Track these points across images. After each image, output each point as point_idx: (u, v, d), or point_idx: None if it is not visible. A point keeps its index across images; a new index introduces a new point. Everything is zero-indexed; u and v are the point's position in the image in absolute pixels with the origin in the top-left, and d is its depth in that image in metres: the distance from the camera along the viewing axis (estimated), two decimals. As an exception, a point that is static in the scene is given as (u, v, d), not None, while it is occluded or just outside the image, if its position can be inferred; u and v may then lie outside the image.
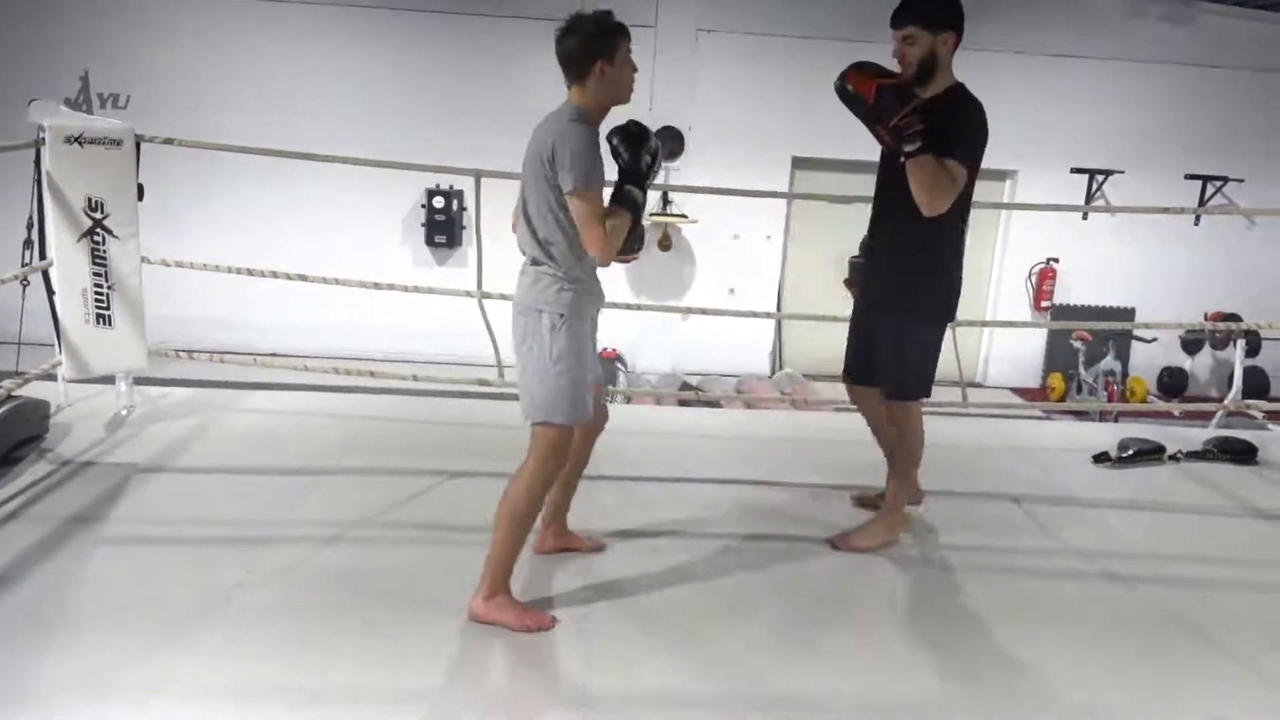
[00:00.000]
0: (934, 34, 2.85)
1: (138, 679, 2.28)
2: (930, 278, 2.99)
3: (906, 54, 2.88)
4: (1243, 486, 3.97)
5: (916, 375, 3.07)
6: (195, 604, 2.62)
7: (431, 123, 8.63)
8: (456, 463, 3.71)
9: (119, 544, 2.99)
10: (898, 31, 2.90)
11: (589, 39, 2.52)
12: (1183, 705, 2.45)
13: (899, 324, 3.05)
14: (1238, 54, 9.07)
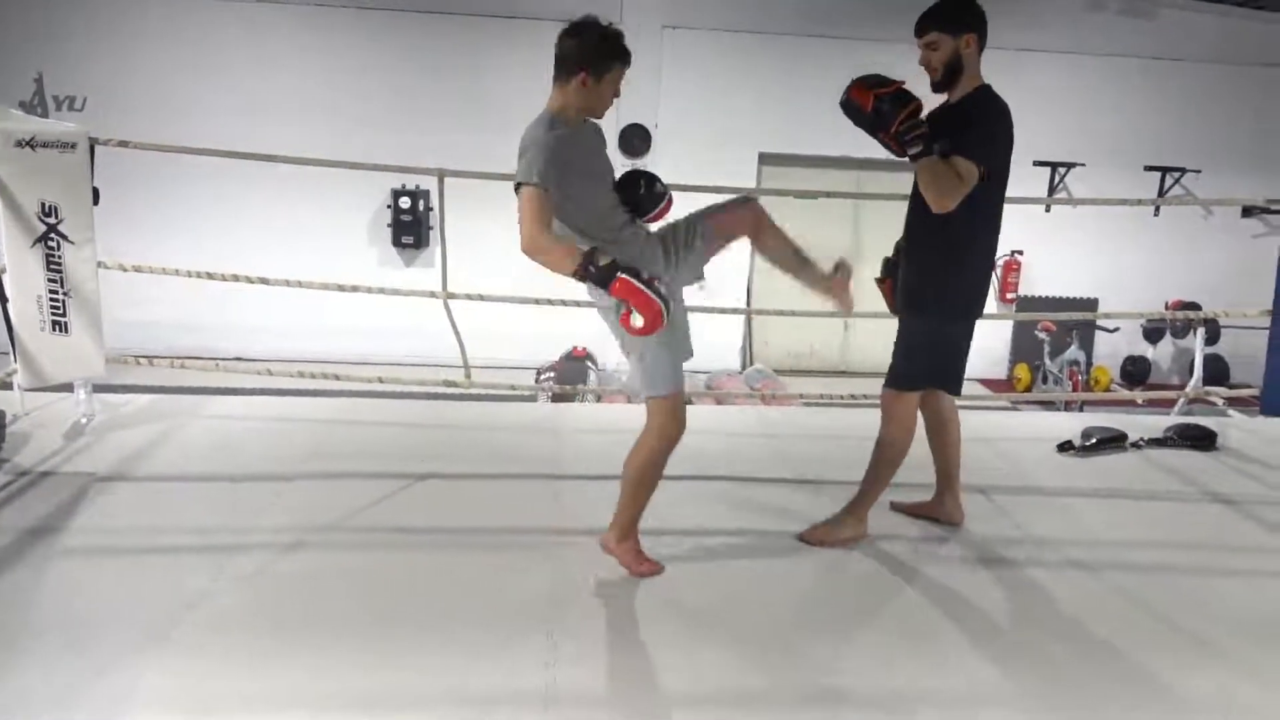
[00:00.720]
0: (956, 37, 2.88)
1: (105, 691, 2.24)
2: (940, 277, 2.99)
3: (931, 59, 2.91)
4: (1202, 472, 4.03)
5: (905, 367, 3.09)
6: (160, 613, 2.57)
7: (396, 122, 8.57)
8: (424, 465, 3.68)
9: (80, 554, 2.93)
10: (920, 39, 2.92)
11: (585, 47, 2.56)
12: (1148, 689, 2.48)
13: (907, 318, 3.11)
14: (1195, 47, 9.23)
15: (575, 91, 2.59)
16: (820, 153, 8.93)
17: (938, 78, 2.92)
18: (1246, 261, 8.73)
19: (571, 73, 2.57)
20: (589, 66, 2.56)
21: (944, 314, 3.06)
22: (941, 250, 2.97)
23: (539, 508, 3.39)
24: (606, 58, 2.58)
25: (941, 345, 3.08)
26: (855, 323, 9.63)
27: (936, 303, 3.04)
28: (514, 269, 9.26)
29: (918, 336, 3.08)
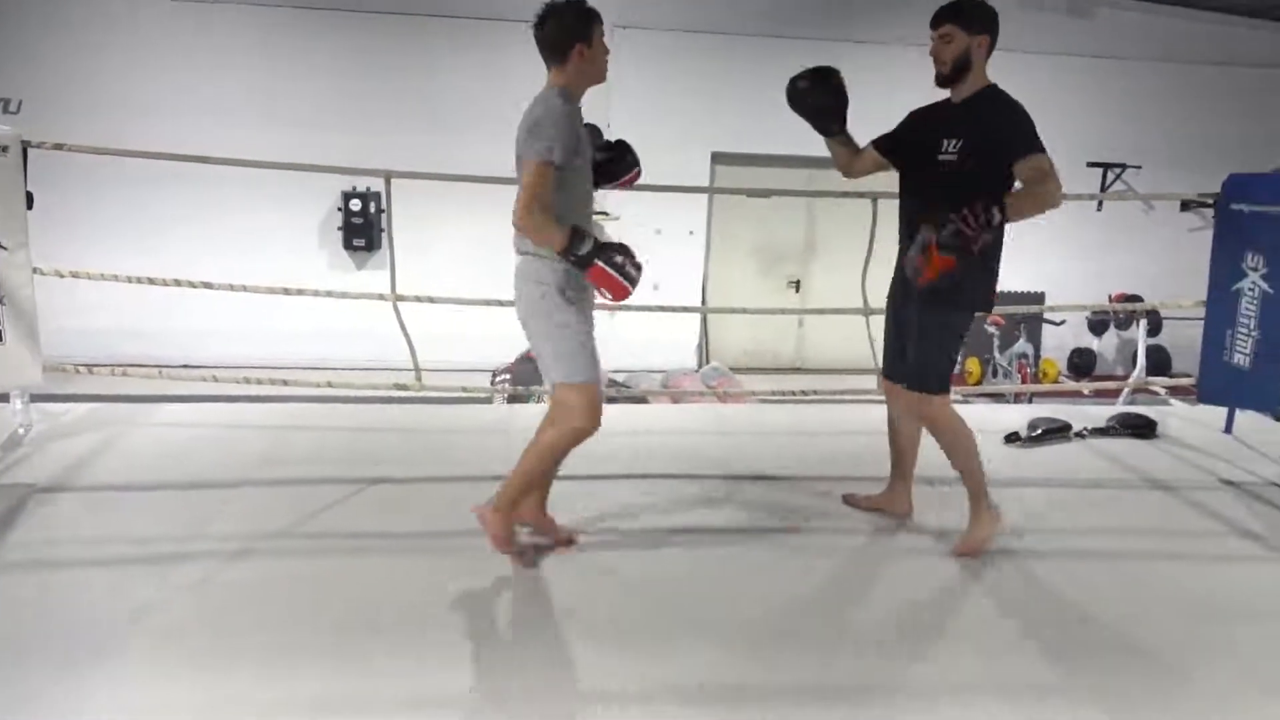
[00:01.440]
0: (970, 35, 2.91)
1: (49, 706, 2.19)
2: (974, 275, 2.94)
3: (942, 52, 2.94)
4: (1143, 460, 4.14)
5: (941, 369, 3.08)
6: (104, 626, 2.51)
7: (346, 124, 8.46)
8: (375, 469, 3.65)
9: (20, 568, 2.85)
10: (936, 30, 2.95)
11: (568, 23, 2.66)
12: (1097, 673, 2.54)
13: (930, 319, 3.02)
14: (1134, 46, 9.45)
15: (575, 66, 2.69)
16: (773, 151, 8.99)
17: (946, 71, 2.95)
18: (1185, 254, 8.95)
19: (567, 50, 2.67)
20: (580, 37, 2.66)
21: (967, 311, 3.04)
22: None
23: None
24: (589, 22, 2.68)
25: (957, 343, 3.09)
26: (809, 319, 9.72)
27: (968, 301, 3.02)
28: (466, 270, 9.21)
29: (946, 339, 3.05)
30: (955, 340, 3.07)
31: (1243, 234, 4.07)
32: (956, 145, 2.90)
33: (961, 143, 2.89)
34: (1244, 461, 4.15)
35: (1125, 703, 2.40)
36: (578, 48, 2.67)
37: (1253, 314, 4.06)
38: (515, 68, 8.59)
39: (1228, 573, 3.14)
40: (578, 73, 2.70)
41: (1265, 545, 3.33)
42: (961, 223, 2.69)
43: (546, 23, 2.68)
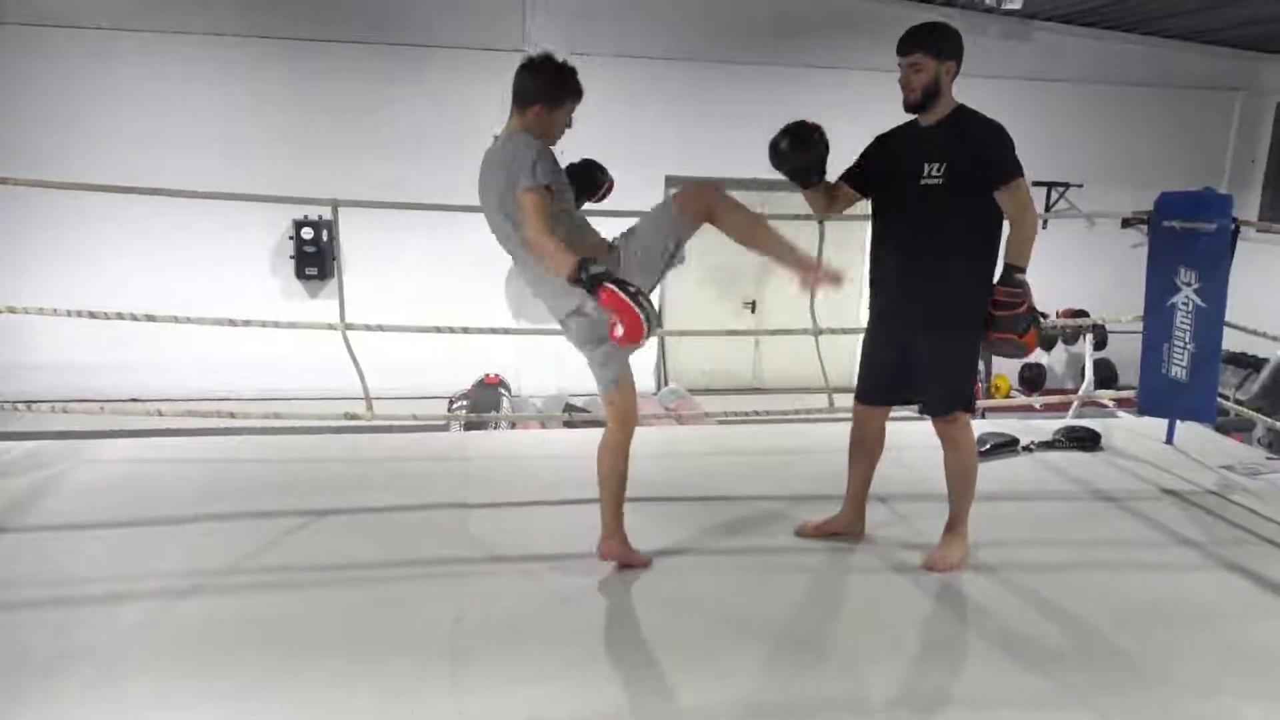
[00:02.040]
0: (940, 62, 2.96)
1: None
2: (979, 293, 3.01)
3: (912, 80, 2.98)
4: (1088, 471, 4.23)
5: (962, 389, 3.17)
6: (48, 669, 2.45)
7: (296, 152, 8.40)
8: (326, 500, 3.60)
9: (-48, 613, 2.77)
10: (905, 58, 2.98)
11: (541, 85, 2.76)
12: (1044, 684, 2.58)
13: (948, 340, 3.08)
14: (1071, 68, 9.73)
15: (532, 120, 2.77)
16: (727, 175, 9.09)
17: (916, 98, 2.99)
18: (1127, 269, 9.17)
19: (528, 105, 2.76)
20: (544, 101, 2.75)
21: (973, 329, 3.06)
22: (969, 266, 3.01)
23: (447, 538, 3.34)
24: (560, 93, 2.77)
25: (977, 359, 3.18)
26: (766, 340, 9.80)
27: (970, 319, 3.04)
28: (421, 296, 9.17)
29: (964, 356, 3.13)
30: (976, 360, 3.18)
31: (1175, 250, 4.20)
32: (941, 169, 2.95)
33: (946, 166, 2.94)
34: (1184, 471, 4.25)
35: (1071, 705, 2.44)
36: (537, 108, 2.75)
37: (1187, 327, 4.18)
38: (465, 95, 8.71)
39: (1170, 581, 3.21)
40: (533, 125, 2.77)
41: (1204, 553, 3.41)
42: (1005, 311, 2.92)
43: (524, 72, 2.78)
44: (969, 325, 3.05)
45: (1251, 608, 3.02)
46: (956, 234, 2.98)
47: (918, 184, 2.98)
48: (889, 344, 3.21)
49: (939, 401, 3.16)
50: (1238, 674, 2.61)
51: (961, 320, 3.04)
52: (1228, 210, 4.09)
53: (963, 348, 3.11)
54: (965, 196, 2.94)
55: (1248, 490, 4.03)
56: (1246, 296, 9.55)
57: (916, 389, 3.19)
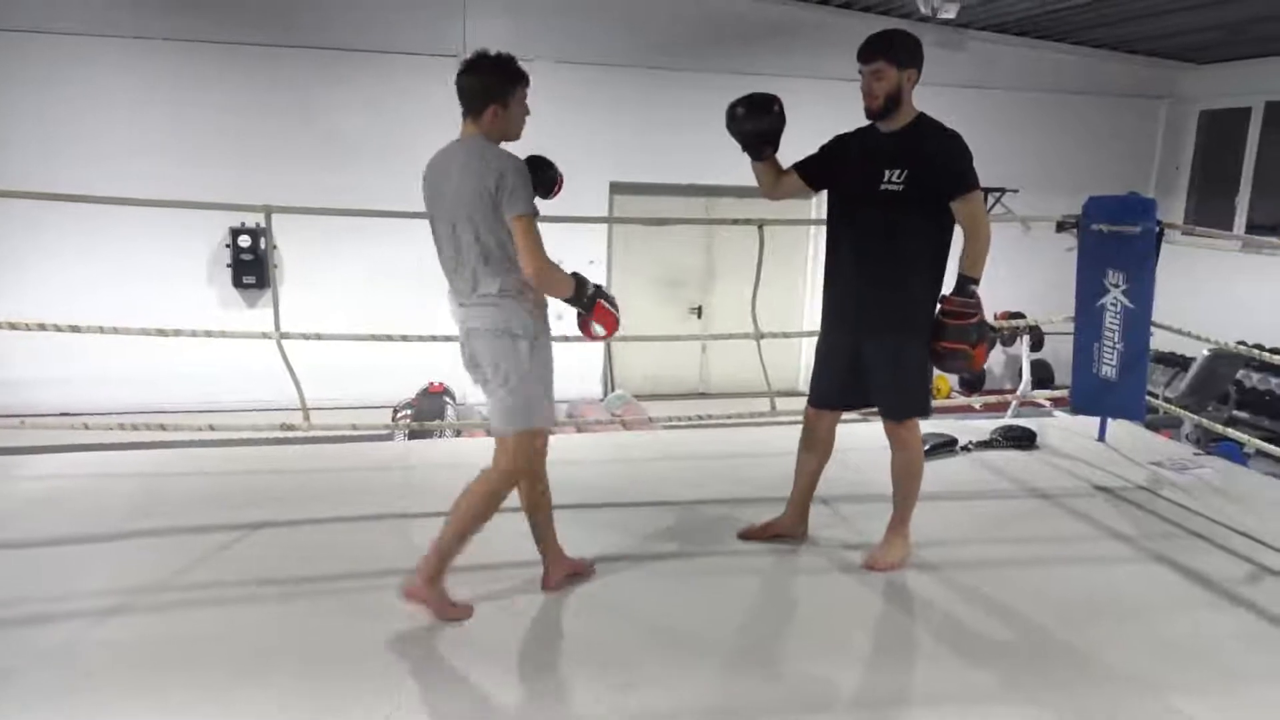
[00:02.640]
0: (901, 69, 2.97)
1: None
2: (931, 299, 3.07)
3: (874, 87, 2.99)
4: (1023, 470, 4.32)
5: (922, 395, 3.21)
6: (-50, 699, 2.34)
7: (232, 158, 8.21)
8: (261, 514, 3.51)
9: None
10: (867, 66, 2.99)
11: (485, 81, 2.66)
12: (990, 681, 2.61)
13: (901, 345, 3.10)
14: (1006, 76, 9.96)
15: (490, 123, 2.69)
16: (670, 180, 9.13)
17: (878, 105, 3.00)
18: (1061, 272, 9.42)
19: (481, 107, 2.67)
20: (497, 99, 2.66)
21: (927, 334, 3.09)
22: (924, 272, 3.06)
23: (386, 550, 3.28)
24: (508, 84, 2.68)
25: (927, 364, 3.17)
26: (712, 345, 9.84)
27: (925, 324, 3.08)
28: (362, 305, 9.03)
29: (919, 360, 3.13)
30: (928, 363, 3.17)
31: (1103, 252, 4.31)
32: (901, 175, 2.97)
33: (906, 173, 2.96)
34: (1115, 468, 4.36)
35: (1018, 702, 2.48)
36: (492, 108, 2.67)
37: (1116, 327, 4.29)
38: (405, 100, 8.60)
39: (1103, 575, 3.29)
40: (491, 127, 2.69)
41: (1134, 546, 3.51)
42: (956, 320, 2.94)
43: (464, 76, 2.69)
44: (924, 331, 3.09)
45: (1180, 600, 3.10)
46: (914, 240, 3.02)
47: (877, 189, 3.00)
48: (843, 348, 3.22)
49: (896, 407, 3.19)
50: (1168, 666, 2.68)
51: (918, 326, 3.08)
52: (1152, 214, 4.21)
53: (918, 353, 3.14)
54: (923, 204, 2.98)
55: (1176, 485, 4.15)
56: (1174, 298, 9.86)
57: (872, 394, 3.22)
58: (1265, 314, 9.02)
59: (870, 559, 3.25)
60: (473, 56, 2.70)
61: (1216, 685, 2.60)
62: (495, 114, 2.67)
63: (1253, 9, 7.82)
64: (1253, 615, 2.98)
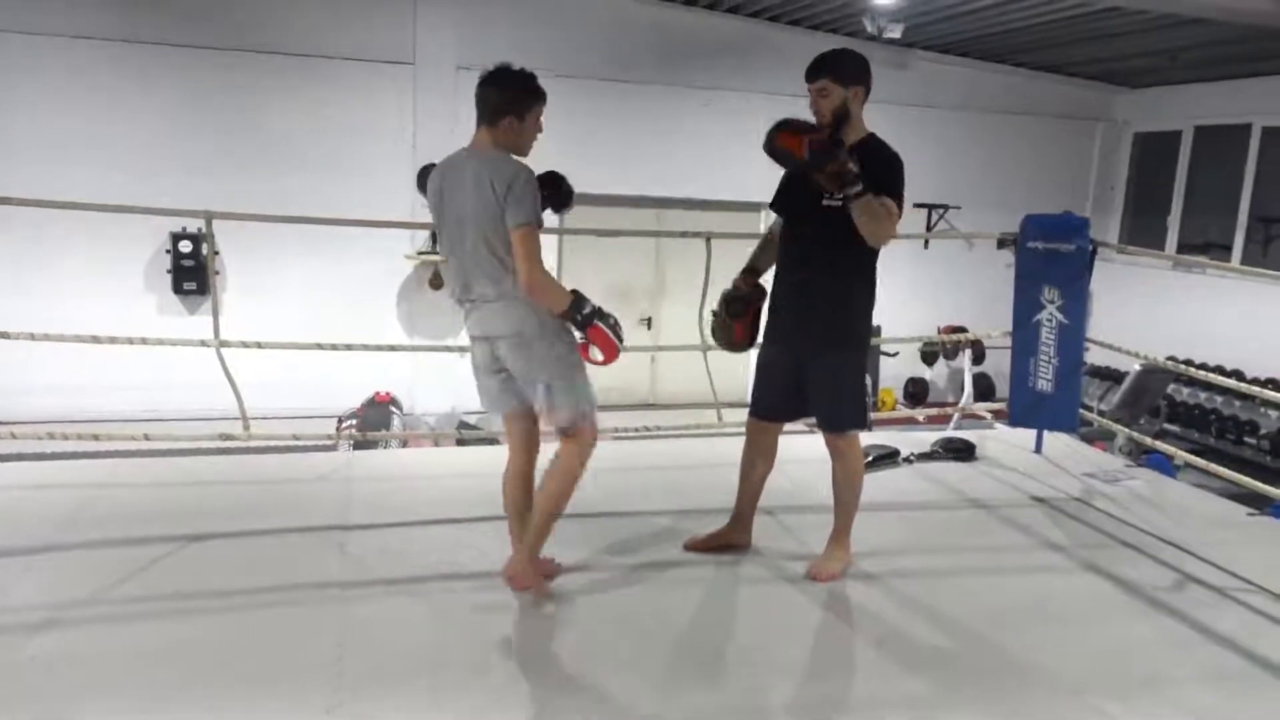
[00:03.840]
0: (845, 87, 3.03)
1: None
2: (864, 312, 3.15)
3: (821, 105, 3.05)
4: (963, 481, 4.40)
5: (858, 407, 3.22)
6: None
7: (173, 162, 8.06)
8: (196, 526, 3.43)
9: None
10: (812, 85, 3.06)
11: (506, 94, 2.76)
12: (930, 689, 2.66)
13: (837, 358, 3.15)
14: (949, 95, 10.21)
15: (504, 133, 2.77)
16: (620, 192, 9.16)
17: (825, 122, 3.04)
18: (1002, 287, 9.66)
19: (498, 118, 2.75)
20: (513, 111, 2.75)
21: (865, 347, 3.19)
22: (861, 287, 3.13)
23: (325, 562, 3.23)
24: (527, 99, 2.78)
25: (865, 376, 3.24)
26: (661, 357, 9.88)
27: (863, 337, 3.16)
28: (308, 313, 8.90)
29: (857, 373, 3.19)
30: (863, 376, 3.24)
31: (1039, 269, 4.44)
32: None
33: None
34: (1051, 479, 4.48)
35: (956, 709, 2.53)
36: (508, 119, 2.75)
37: (1052, 342, 4.41)
38: (354, 107, 8.52)
39: (1039, 584, 3.37)
40: (505, 138, 2.78)
41: (1068, 556, 3.60)
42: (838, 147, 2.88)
43: (486, 86, 2.77)
44: (861, 343, 3.17)
45: (1110, 608, 3.19)
46: (850, 256, 3.07)
47: (819, 204, 3.06)
48: (785, 360, 3.26)
49: (835, 419, 3.24)
50: (1099, 672, 2.75)
51: (856, 339, 3.16)
52: (1085, 232, 4.35)
53: (855, 365, 3.21)
54: None
55: (1108, 496, 4.27)
56: (1109, 314, 10.18)
57: (811, 406, 3.26)
58: (1194, 330, 9.36)
59: (812, 569, 3.29)
60: (497, 68, 2.79)
61: (1144, 691, 2.68)
62: (510, 125, 2.76)
63: (1183, 38, 8.13)
64: (1177, 622, 3.08)
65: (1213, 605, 3.21)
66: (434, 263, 8.81)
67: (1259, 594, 3.29)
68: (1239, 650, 2.89)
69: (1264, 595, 3.28)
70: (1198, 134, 9.98)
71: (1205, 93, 9.83)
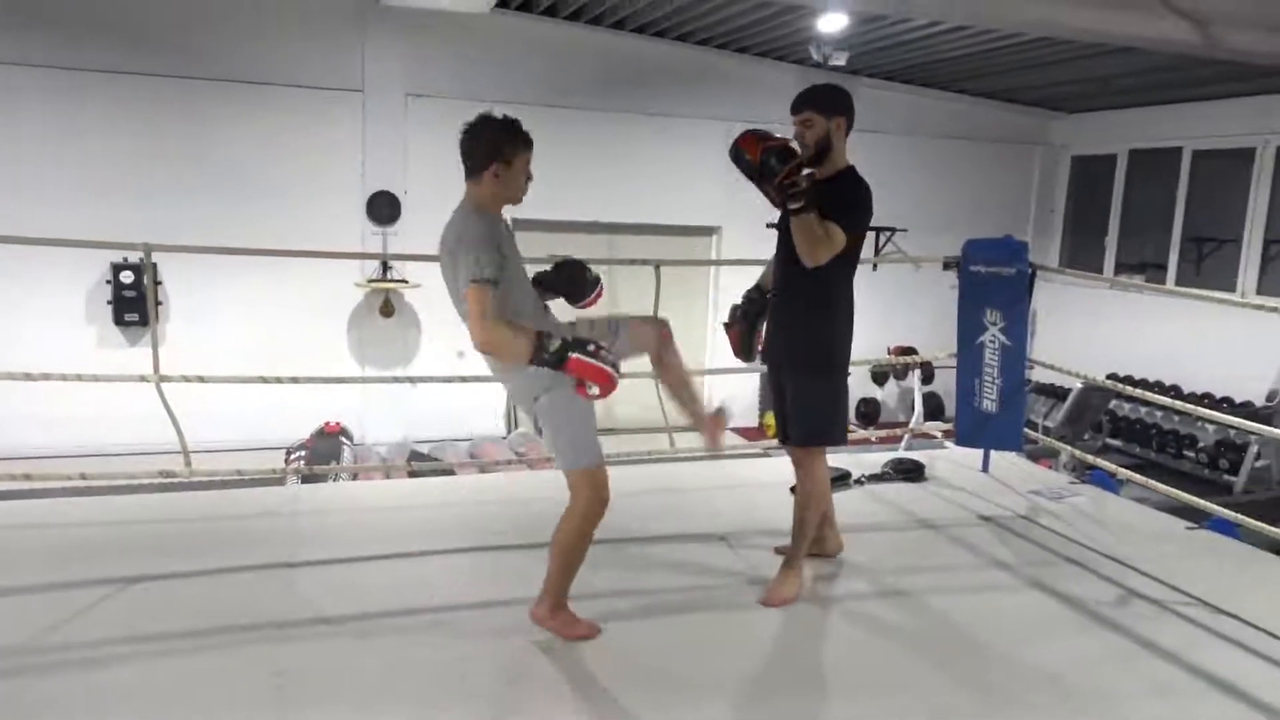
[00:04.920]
0: (828, 119, 3.15)
1: None
2: (837, 335, 3.27)
3: (804, 135, 3.17)
4: (913, 501, 4.45)
5: (821, 424, 3.30)
6: None
7: (113, 192, 7.90)
8: (135, 567, 3.32)
9: None
10: (797, 116, 3.19)
11: (488, 143, 2.72)
12: (873, 709, 2.67)
13: (808, 378, 3.28)
14: (895, 121, 10.41)
15: (490, 184, 2.74)
16: (571, 218, 9.18)
17: (808, 153, 3.15)
18: (949, 309, 9.87)
19: (483, 167, 2.72)
20: (497, 158, 2.71)
21: (841, 369, 3.30)
22: (832, 311, 3.24)
23: (269, 601, 3.15)
24: (510, 146, 2.74)
25: (843, 399, 3.35)
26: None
27: (836, 359, 3.27)
28: (255, 345, 8.74)
29: (826, 394, 3.29)
30: (839, 397, 3.34)
31: (981, 292, 4.53)
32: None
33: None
34: (998, 497, 4.55)
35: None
36: (493, 168, 2.72)
37: (995, 363, 4.50)
38: (300, 135, 8.44)
39: (986, 602, 3.41)
40: (492, 189, 2.75)
41: (1014, 574, 3.65)
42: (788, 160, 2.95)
43: (467, 136, 2.74)
44: (838, 364, 3.30)
45: (1058, 625, 3.24)
46: (827, 281, 3.19)
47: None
48: (776, 384, 3.45)
49: (800, 432, 3.35)
50: (1047, 690, 2.79)
51: (833, 359, 3.29)
52: (1024, 256, 4.45)
53: (829, 382, 3.31)
54: None
55: (1052, 513, 4.34)
56: (1053, 333, 10.38)
57: (788, 420, 3.38)
58: (1133, 347, 9.62)
59: (765, 595, 3.30)
60: (478, 118, 2.75)
61: (1092, 707, 2.71)
62: (496, 174, 2.73)
63: (1115, 65, 8.41)
64: (1121, 637, 3.13)
65: (1154, 619, 3.28)
66: (385, 290, 8.73)
67: (1198, 606, 3.36)
68: (1181, 663, 2.95)
69: (1203, 608, 3.35)
70: (1132, 157, 10.31)
71: (1138, 118, 10.16)
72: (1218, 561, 3.85)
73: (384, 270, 8.69)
